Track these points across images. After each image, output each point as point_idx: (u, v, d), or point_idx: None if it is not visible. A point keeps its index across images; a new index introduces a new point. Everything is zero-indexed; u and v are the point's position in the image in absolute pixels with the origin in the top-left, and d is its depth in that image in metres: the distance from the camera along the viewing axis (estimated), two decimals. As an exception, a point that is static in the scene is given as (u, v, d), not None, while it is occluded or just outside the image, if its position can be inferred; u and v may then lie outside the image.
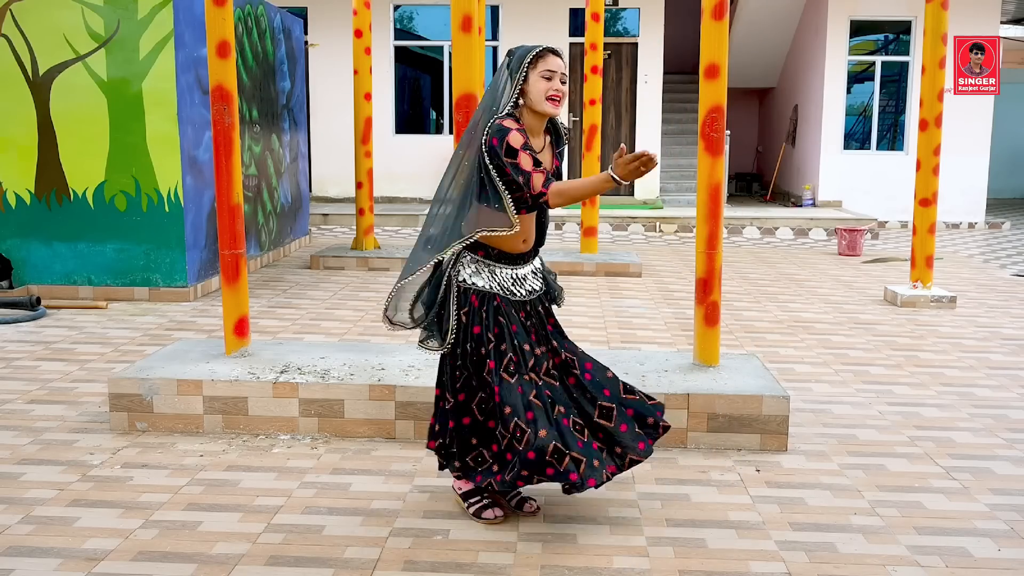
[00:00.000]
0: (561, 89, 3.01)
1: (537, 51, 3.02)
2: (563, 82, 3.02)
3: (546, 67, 3.00)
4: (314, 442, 4.14)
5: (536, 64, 3.01)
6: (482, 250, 3.16)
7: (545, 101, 3.01)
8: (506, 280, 3.18)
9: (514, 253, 3.19)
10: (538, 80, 3.00)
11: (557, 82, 3.01)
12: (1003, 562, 3.05)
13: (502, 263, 3.17)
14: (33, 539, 3.15)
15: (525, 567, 2.98)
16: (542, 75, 3.00)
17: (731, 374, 4.37)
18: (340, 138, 13.52)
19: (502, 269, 3.17)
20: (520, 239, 3.18)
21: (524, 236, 3.18)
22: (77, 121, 7.03)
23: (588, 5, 8.88)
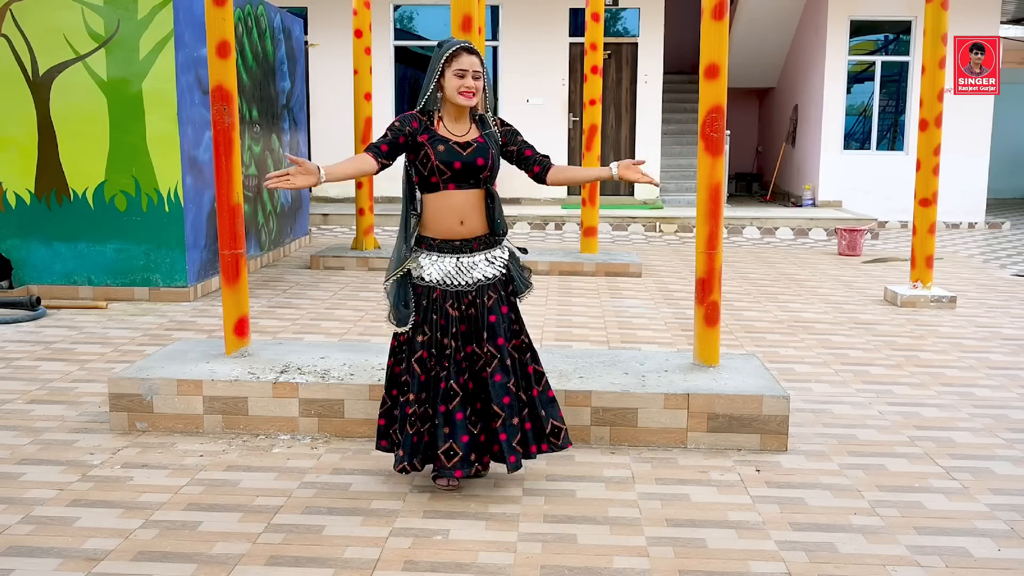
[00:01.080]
0: (472, 86, 3.36)
1: (450, 51, 3.35)
2: (475, 78, 3.36)
3: (459, 66, 3.35)
4: (314, 442, 4.14)
5: (450, 63, 3.36)
6: (424, 243, 3.46)
7: (458, 95, 3.37)
8: (450, 269, 3.43)
9: (456, 240, 3.43)
10: (452, 77, 3.36)
11: (469, 79, 3.36)
12: (1003, 562, 3.06)
13: (444, 252, 3.43)
14: (33, 539, 3.15)
15: (525, 567, 2.98)
16: (455, 73, 3.36)
17: (731, 374, 4.37)
18: (340, 138, 13.51)
19: (445, 258, 3.43)
20: (456, 219, 3.41)
21: (460, 216, 3.41)
22: (77, 121, 7.03)
23: (588, 5, 8.88)
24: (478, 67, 3.38)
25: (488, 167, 3.43)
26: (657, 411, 4.09)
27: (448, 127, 3.44)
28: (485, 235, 3.49)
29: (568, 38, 14.03)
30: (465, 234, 3.45)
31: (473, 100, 3.39)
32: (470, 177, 3.41)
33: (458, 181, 3.40)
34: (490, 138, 3.48)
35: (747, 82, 16.54)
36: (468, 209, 3.43)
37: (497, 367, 3.42)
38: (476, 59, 3.39)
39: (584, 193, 9.20)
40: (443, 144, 3.39)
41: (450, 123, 3.45)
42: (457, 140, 3.42)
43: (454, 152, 3.38)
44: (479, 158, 3.41)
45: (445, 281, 3.43)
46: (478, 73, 3.38)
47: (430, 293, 3.45)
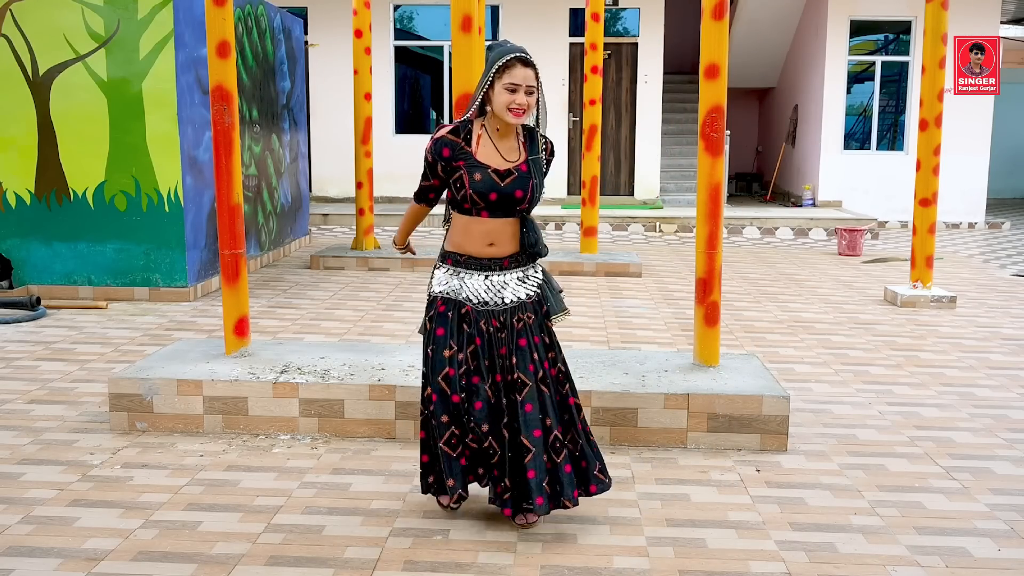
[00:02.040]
0: (523, 102, 3.01)
1: (504, 61, 3.01)
2: (529, 93, 3.02)
3: (510, 80, 3.00)
4: (314, 442, 4.14)
5: (501, 75, 3.01)
6: (450, 258, 3.20)
7: (507, 112, 3.03)
8: (478, 288, 3.15)
9: (484, 258, 3.16)
10: (502, 92, 3.01)
11: (521, 95, 3.00)
12: (1003, 562, 3.06)
13: (471, 269, 3.16)
14: (33, 539, 3.15)
15: (525, 567, 2.98)
16: (506, 87, 3.00)
17: (731, 374, 4.37)
18: (340, 138, 13.52)
19: (473, 276, 3.16)
20: (484, 242, 3.14)
21: (490, 240, 3.13)
22: (77, 121, 7.03)
23: (588, 5, 8.88)
24: (532, 81, 3.01)
25: (527, 199, 3.11)
26: (657, 411, 4.09)
27: (493, 144, 3.10)
28: (516, 254, 3.20)
29: (568, 38, 14.03)
30: (493, 255, 3.16)
31: (524, 119, 3.05)
32: (507, 207, 3.10)
33: (493, 210, 3.10)
34: (535, 165, 3.14)
35: (747, 82, 16.54)
36: (499, 234, 3.15)
37: (528, 396, 3.11)
38: (531, 72, 3.02)
39: (584, 193, 9.20)
40: (480, 172, 3.06)
41: (496, 139, 3.11)
42: (496, 168, 3.08)
43: (491, 182, 3.06)
44: (518, 190, 3.08)
45: (471, 299, 3.15)
46: (532, 88, 3.02)
47: (458, 308, 3.16)
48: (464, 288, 3.16)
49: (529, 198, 3.11)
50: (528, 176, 3.11)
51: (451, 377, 3.12)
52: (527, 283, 3.20)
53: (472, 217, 3.13)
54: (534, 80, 3.03)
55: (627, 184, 14.39)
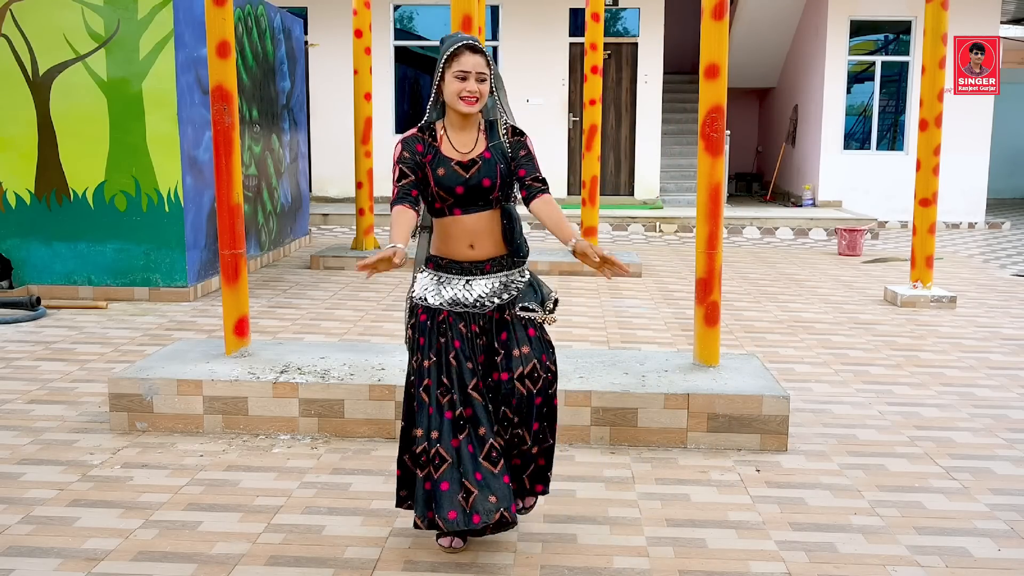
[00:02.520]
0: (475, 89, 2.93)
1: (452, 50, 2.94)
2: (481, 80, 2.94)
3: (459, 68, 2.92)
4: (314, 442, 4.14)
5: (451, 64, 2.94)
6: (432, 262, 3.10)
7: (458, 100, 2.95)
8: (457, 292, 3.02)
9: (465, 262, 3.03)
10: (452, 80, 2.94)
11: (472, 82, 2.92)
12: (1003, 562, 3.06)
13: (452, 273, 3.04)
14: (33, 539, 3.15)
15: (525, 567, 2.98)
16: (455, 75, 2.93)
17: (731, 374, 4.37)
18: (340, 138, 13.52)
19: (453, 281, 3.03)
20: (464, 243, 3.02)
21: (469, 239, 3.01)
22: (77, 121, 7.03)
23: (588, 5, 8.88)
24: (482, 68, 2.94)
25: (497, 187, 2.98)
26: (657, 411, 4.09)
27: (452, 140, 3.02)
28: (501, 256, 3.07)
29: (568, 38, 14.02)
30: (475, 257, 3.04)
31: (476, 107, 2.96)
32: (477, 200, 2.99)
33: (464, 205, 2.99)
34: (497, 151, 3.03)
35: (747, 82, 16.53)
36: (479, 233, 3.02)
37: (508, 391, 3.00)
38: (480, 59, 2.94)
39: (584, 193, 9.20)
40: (444, 166, 2.97)
41: (454, 134, 3.03)
42: (460, 159, 2.99)
43: (455, 175, 2.96)
44: (485, 179, 2.97)
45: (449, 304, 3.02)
46: (483, 75, 2.94)
47: (435, 315, 3.03)
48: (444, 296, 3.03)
49: (499, 184, 2.99)
50: (493, 163, 3.00)
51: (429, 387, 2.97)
52: (508, 288, 3.06)
53: (447, 218, 3.01)
54: (484, 67, 2.95)
55: (627, 184, 14.39)
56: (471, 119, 3.04)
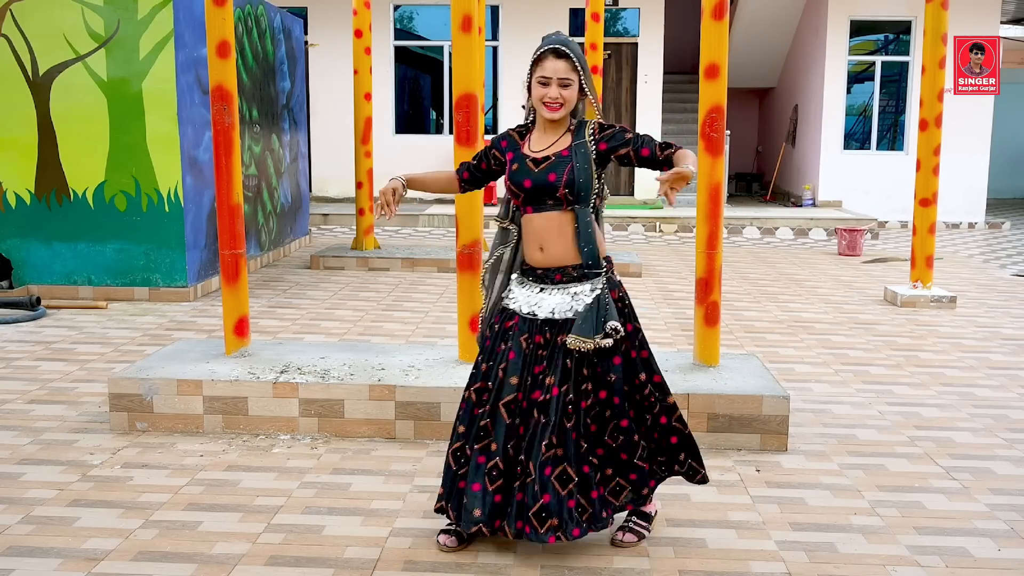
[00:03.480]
0: (556, 95, 2.91)
1: (537, 55, 2.94)
2: (564, 86, 2.90)
3: (541, 73, 2.92)
4: (314, 442, 4.14)
5: (535, 69, 2.94)
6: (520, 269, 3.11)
7: (543, 107, 2.95)
8: (530, 296, 3.01)
9: (539, 269, 3.01)
10: (536, 86, 2.95)
11: (554, 88, 2.90)
12: (1003, 562, 3.05)
13: (528, 277, 3.05)
14: (33, 539, 3.15)
15: (525, 567, 2.98)
16: (539, 80, 2.93)
17: (731, 374, 4.37)
18: (340, 138, 13.52)
19: (527, 285, 3.04)
20: (535, 245, 2.99)
21: (539, 242, 2.98)
22: (77, 121, 7.03)
23: (588, 5, 8.86)
24: (565, 73, 2.89)
25: (563, 184, 2.90)
26: (657, 411, 4.08)
27: (535, 139, 3.03)
28: (573, 266, 2.97)
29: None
30: (545, 263, 2.98)
31: (559, 113, 2.92)
32: (545, 197, 2.93)
33: (533, 203, 2.96)
34: (578, 150, 2.94)
35: (747, 82, 16.54)
36: (547, 234, 2.95)
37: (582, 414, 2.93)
38: (563, 63, 2.89)
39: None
40: (519, 161, 2.98)
41: (539, 134, 3.03)
42: (534, 156, 2.97)
43: (525, 169, 2.95)
44: (551, 174, 2.91)
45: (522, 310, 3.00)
46: (566, 80, 2.90)
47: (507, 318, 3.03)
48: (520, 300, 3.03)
49: (566, 182, 2.90)
50: (567, 161, 2.93)
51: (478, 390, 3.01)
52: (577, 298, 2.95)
53: (523, 217, 3.03)
54: (568, 72, 2.90)
55: (627, 184, 14.39)
56: (558, 124, 3.01)
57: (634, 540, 3.13)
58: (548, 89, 2.91)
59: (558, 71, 2.90)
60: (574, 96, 2.94)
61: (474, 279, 4.55)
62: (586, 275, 2.97)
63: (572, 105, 2.95)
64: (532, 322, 2.98)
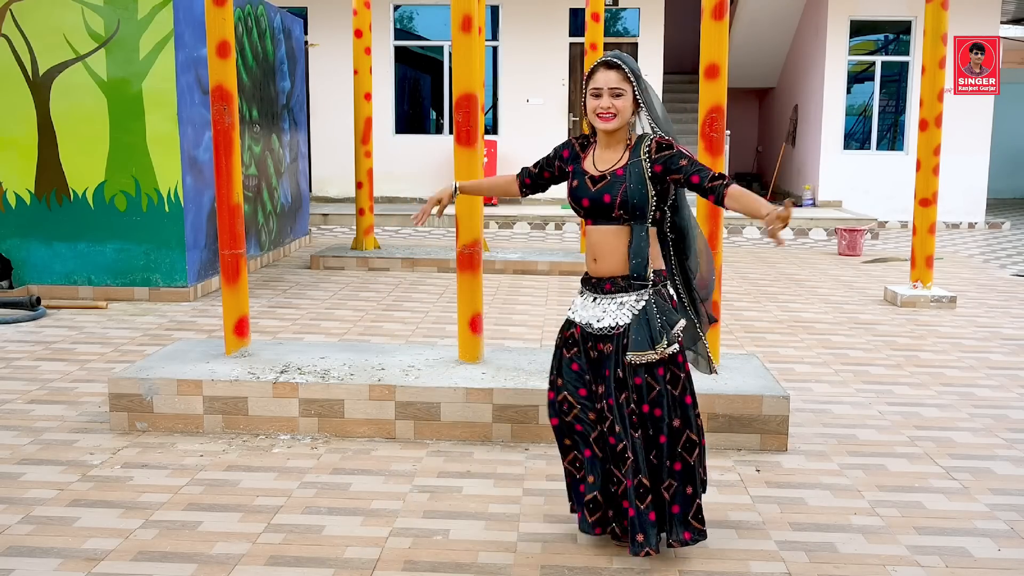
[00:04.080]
0: (608, 105, 2.94)
1: (590, 70, 3.02)
2: (616, 96, 2.94)
3: (593, 85, 2.98)
4: (314, 442, 4.14)
5: (588, 83, 3.01)
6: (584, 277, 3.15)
7: (596, 118, 2.98)
8: (586, 307, 3.06)
9: (592, 277, 3.06)
10: (589, 98, 3.00)
11: (606, 99, 2.94)
12: (1003, 562, 3.06)
13: (586, 288, 3.10)
14: (33, 539, 3.15)
15: (525, 567, 2.98)
16: (591, 92, 2.99)
17: (731, 374, 4.37)
18: (340, 138, 13.52)
19: (585, 295, 3.09)
20: (590, 255, 3.06)
21: (593, 253, 3.04)
22: (77, 121, 7.03)
23: (588, 5, 8.87)
24: (616, 83, 2.93)
25: (617, 205, 2.93)
26: (657, 411, 4.08)
27: (596, 155, 3.06)
28: (622, 276, 3.00)
29: (568, 38, 14.03)
30: (598, 273, 3.04)
31: (612, 123, 2.95)
32: (602, 215, 2.99)
33: (592, 217, 3.03)
34: (634, 169, 2.96)
35: (747, 82, 16.54)
36: (601, 248, 3.02)
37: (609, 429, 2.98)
38: (614, 74, 2.95)
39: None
40: (578, 178, 3.04)
41: (599, 150, 3.06)
42: (593, 174, 3.01)
43: (584, 187, 3.01)
44: (606, 195, 2.95)
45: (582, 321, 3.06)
46: (618, 90, 2.93)
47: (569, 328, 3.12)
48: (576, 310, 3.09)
49: (620, 203, 2.93)
50: (621, 181, 2.95)
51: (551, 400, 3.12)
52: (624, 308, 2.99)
53: (586, 226, 3.10)
54: (619, 82, 2.94)
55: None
56: (615, 136, 3.02)
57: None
58: (600, 100, 2.95)
59: (609, 81, 2.95)
60: (627, 106, 2.96)
61: (474, 279, 4.55)
62: (632, 286, 2.99)
63: (626, 116, 2.97)
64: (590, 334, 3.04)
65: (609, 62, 2.97)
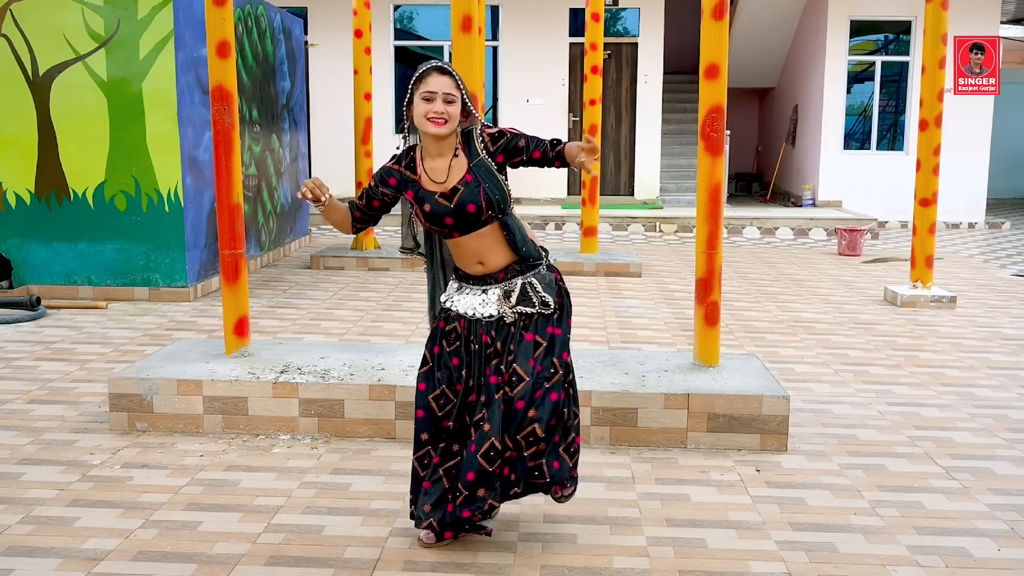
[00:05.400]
0: (441, 110, 2.90)
1: (418, 73, 2.97)
2: (448, 102, 2.91)
3: (426, 88, 2.92)
4: (314, 442, 4.14)
5: (418, 85, 2.95)
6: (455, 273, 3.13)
7: (426, 122, 2.92)
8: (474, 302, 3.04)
9: (477, 275, 3.04)
10: (420, 103, 2.94)
11: (439, 103, 2.90)
12: (1003, 562, 3.06)
13: (470, 283, 3.07)
14: (33, 539, 3.15)
15: (525, 567, 2.98)
16: (422, 96, 2.93)
17: (731, 374, 4.37)
18: (340, 138, 13.51)
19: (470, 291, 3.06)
20: (472, 260, 3.03)
21: (477, 258, 3.01)
22: (77, 121, 7.03)
23: (588, 5, 8.88)
24: (450, 88, 2.92)
25: (483, 208, 2.94)
26: (657, 411, 4.09)
27: (429, 170, 3.00)
28: (512, 263, 3.03)
29: (568, 38, 14.02)
30: (486, 271, 3.03)
31: (444, 128, 2.92)
32: (470, 224, 2.97)
33: (459, 229, 2.98)
34: (480, 169, 2.98)
35: (747, 82, 16.54)
36: (484, 250, 3.00)
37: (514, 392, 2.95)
38: (448, 79, 2.93)
39: (584, 193, 9.20)
40: (428, 201, 2.98)
41: (430, 161, 3.01)
42: (441, 191, 2.96)
43: (440, 207, 2.95)
44: (469, 204, 2.93)
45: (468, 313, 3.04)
46: (451, 96, 2.92)
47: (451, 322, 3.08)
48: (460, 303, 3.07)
49: (486, 206, 2.94)
50: (475, 185, 2.95)
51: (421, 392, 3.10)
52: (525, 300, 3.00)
53: (450, 240, 3.04)
54: (452, 88, 2.93)
55: (627, 184, 14.39)
56: (445, 142, 2.99)
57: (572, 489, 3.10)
58: (433, 104, 2.91)
59: (443, 86, 2.92)
60: (456, 113, 2.95)
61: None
62: (530, 267, 3.04)
63: (455, 123, 2.95)
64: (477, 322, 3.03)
65: (442, 68, 2.96)
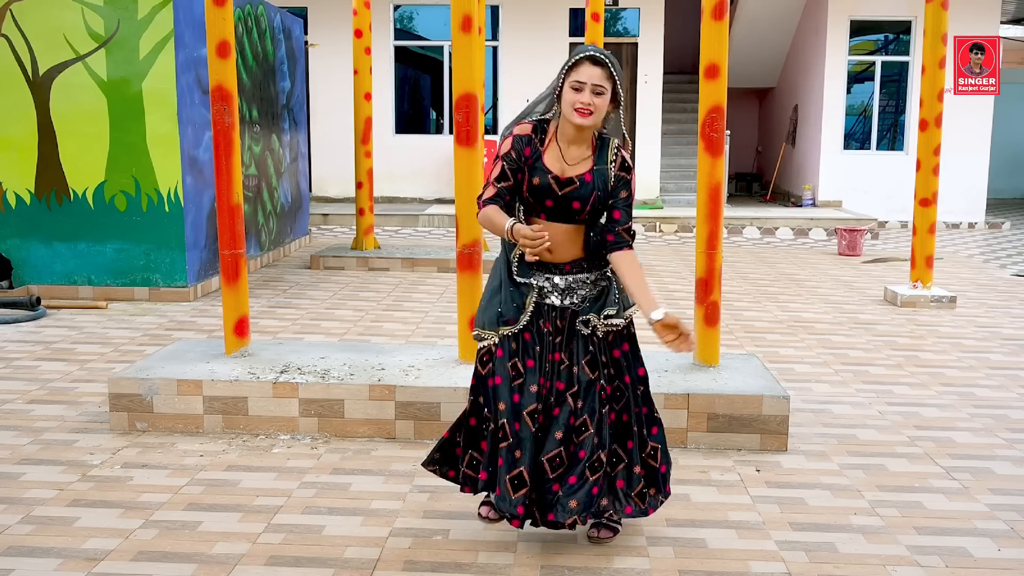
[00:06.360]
0: (588, 101, 2.84)
1: (573, 60, 2.90)
2: (597, 93, 2.85)
3: (576, 77, 2.86)
4: (314, 442, 4.14)
5: (569, 73, 2.89)
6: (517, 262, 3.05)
7: (573, 112, 2.87)
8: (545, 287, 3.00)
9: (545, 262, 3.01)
10: (568, 90, 2.88)
11: (587, 94, 2.84)
12: (1003, 562, 3.06)
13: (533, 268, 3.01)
14: (33, 539, 3.15)
15: (525, 567, 2.98)
16: (572, 85, 2.87)
17: (731, 374, 4.37)
18: (340, 138, 13.52)
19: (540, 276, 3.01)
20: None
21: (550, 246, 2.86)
22: (77, 121, 7.03)
23: (588, 5, 8.85)
24: (600, 80, 2.84)
25: (584, 211, 2.94)
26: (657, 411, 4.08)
27: (560, 150, 2.95)
28: (580, 259, 3.02)
29: (568, 38, 14.02)
30: (553, 260, 2.99)
31: (590, 120, 2.86)
32: (563, 216, 2.96)
33: (550, 215, 2.96)
34: (600, 176, 2.94)
35: (747, 82, 16.54)
36: (560, 242, 2.96)
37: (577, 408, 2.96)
38: (600, 71, 2.85)
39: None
40: (540, 175, 2.92)
41: (564, 145, 2.96)
42: (558, 175, 2.93)
43: (549, 188, 2.92)
44: (575, 201, 2.92)
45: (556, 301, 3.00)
46: (600, 88, 2.85)
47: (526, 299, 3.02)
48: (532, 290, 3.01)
49: (588, 210, 2.93)
50: (590, 188, 2.92)
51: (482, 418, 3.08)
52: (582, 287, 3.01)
53: (534, 217, 3.00)
54: (604, 80, 2.85)
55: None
56: (583, 133, 2.94)
57: (609, 535, 3.14)
58: (581, 94, 2.86)
59: (593, 77, 2.86)
60: (604, 105, 2.89)
61: (474, 279, 4.55)
62: (596, 265, 3.05)
63: (602, 115, 2.91)
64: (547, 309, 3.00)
65: (596, 58, 2.86)
